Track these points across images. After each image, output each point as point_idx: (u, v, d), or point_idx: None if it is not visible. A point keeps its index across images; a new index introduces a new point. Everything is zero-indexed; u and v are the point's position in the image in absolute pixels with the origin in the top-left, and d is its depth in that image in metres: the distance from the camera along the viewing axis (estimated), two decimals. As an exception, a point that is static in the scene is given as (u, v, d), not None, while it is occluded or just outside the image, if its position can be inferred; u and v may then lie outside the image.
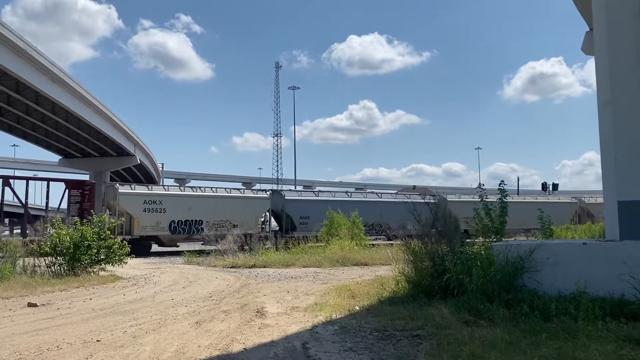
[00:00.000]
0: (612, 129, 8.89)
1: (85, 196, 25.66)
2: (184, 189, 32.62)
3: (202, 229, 29.10)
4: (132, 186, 29.76)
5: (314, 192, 38.54)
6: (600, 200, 44.58)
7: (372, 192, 41.09)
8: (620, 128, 8.80)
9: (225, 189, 36.24)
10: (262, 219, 32.85)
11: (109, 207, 26.90)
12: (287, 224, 32.17)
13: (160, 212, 28.02)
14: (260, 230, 31.71)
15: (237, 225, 29.31)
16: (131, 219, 27.26)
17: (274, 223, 33.89)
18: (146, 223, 27.65)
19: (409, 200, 38.87)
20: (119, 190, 27.46)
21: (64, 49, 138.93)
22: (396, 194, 42.38)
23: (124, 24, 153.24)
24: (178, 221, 28.63)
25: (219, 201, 30.64)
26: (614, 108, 8.87)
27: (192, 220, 29.05)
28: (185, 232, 28.71)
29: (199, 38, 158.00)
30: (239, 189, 36.55)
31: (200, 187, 32.77)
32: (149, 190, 29.50)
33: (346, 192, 39.93)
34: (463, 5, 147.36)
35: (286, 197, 33.24)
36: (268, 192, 34.87)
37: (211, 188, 33.23)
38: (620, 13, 9.04)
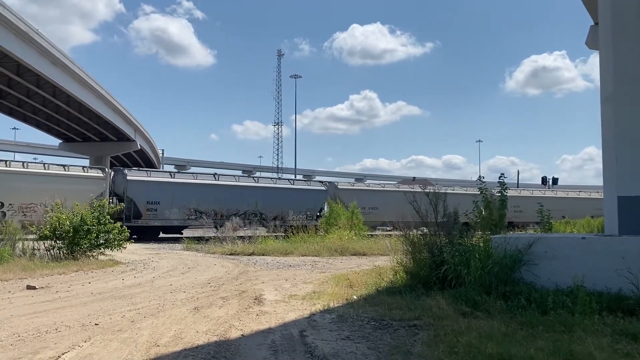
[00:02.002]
0: (614, 124, 8.86)
1: None
2: None
3: (2, 213, 24.03)
4: None
5: (170, 172, 32.02)
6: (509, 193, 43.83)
7: (251, 177, 36.46)
8: (622, 123, 8.78)
9: (44, 163, 29.88)
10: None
11: None
12: (130, 209, 27.15)
13: None
14: None
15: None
16: None
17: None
18: None
19: (291, 186, 34.37)
20: None
21: (65, 32, 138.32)
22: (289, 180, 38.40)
23: (125, 8, 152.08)
24: None
25: (32, 179, 25.00)
26: (617, 103, 8.84)
27: None
28: None
29: (201, 24, 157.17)
30: (64, 166, 28.96)
31: (7, 161, 26.50)
32: None
33: (214, 174, 33.62)
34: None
35: (129, 178, 27.95)
36: (108, 171, 29.32)
37: (22, 163, 26.76)
38: (626, 7, 8.98)
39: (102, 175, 28.10)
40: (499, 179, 11.24)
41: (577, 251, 8.25)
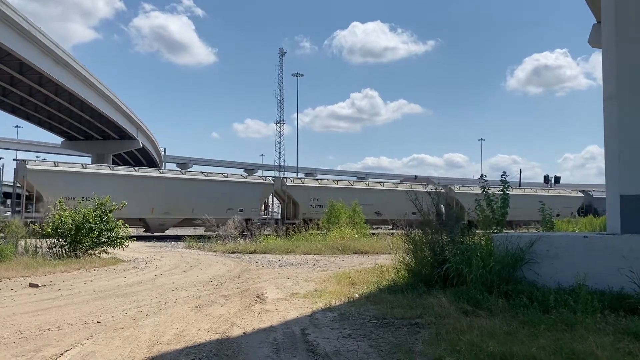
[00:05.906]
0: (616, 122, 8.84)
1: None
2: None
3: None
4: None
5: None
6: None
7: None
8: (625, 122, 8.76)
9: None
10: None
11: None
12: None
13: None
14: None
15: None
16: None
17: None
18: None
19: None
20: None
21: (65, 30, 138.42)
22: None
23: (125, 5, 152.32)
24: None
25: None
26: (620, 102, 8.82)
27: None
28: None
29: (202, 22, 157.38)
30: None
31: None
32: None
33: None
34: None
35: None
36: None
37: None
38: (630, 6, 8.95)
39: None
40: (501, 177, 11.20)
41: (579, 250, 8.24)
